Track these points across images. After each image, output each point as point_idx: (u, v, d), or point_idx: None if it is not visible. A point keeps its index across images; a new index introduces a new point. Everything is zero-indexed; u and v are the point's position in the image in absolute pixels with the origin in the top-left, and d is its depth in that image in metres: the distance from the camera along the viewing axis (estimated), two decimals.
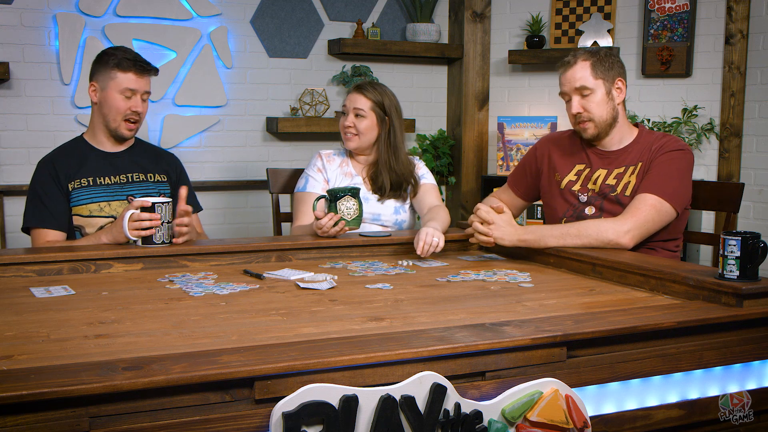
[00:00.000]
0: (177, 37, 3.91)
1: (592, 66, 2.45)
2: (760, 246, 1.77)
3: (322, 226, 2.48)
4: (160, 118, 3.92)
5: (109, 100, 2.55)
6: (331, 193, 2.51)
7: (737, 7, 3.99)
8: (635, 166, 2.44)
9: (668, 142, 2.43)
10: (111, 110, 2.56)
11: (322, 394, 1.30)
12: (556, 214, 2.56)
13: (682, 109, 4.13)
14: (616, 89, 2.47)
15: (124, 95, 2.55)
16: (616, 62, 2.49)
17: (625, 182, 2.43)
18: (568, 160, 2.58)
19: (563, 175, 2.56)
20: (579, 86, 2.45)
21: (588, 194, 2.49)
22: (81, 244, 2.41)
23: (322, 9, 4.27)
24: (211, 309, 1.78)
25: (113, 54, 2.57)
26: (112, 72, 2.54)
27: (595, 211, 2.46)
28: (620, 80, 2.47)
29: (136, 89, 2.56)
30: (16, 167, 3.66)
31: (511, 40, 4.49)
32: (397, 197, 2.84)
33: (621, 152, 2.49)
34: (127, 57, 2.56)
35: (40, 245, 2.49)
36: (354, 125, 2.78)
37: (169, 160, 2.78)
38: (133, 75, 2.55)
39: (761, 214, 4.00)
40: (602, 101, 2.45)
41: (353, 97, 2.81)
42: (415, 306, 1.83)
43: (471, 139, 4.52)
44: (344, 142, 2.82)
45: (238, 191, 4.17)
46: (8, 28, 3.61)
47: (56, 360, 1.38)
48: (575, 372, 1.53)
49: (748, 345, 1.71)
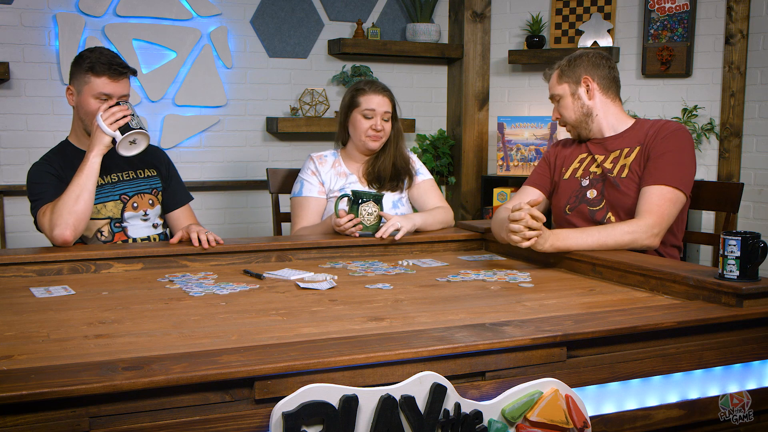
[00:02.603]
0: (177, 37, 3.91)
1: (559, 73, 2.57)
2: (760, 246, 1.77)
3: (340, 225, 2.54)
4: (160, 118, 3.92)
5: (84, 106, 2.44)
6: (356, 194, 2.55)
7: (737, 7, 3.99)
8: (631, 149, 2.46)
9: (665, 124, 2.46)
10: (87, 116, 2.45)
11: (322, 394, 1.30)
12: (559, 204, 2.58)
13: (682, 109, 4.13)
14: (584, 87, 2.51)
15: (100, 99, 2.43)
16: (583, 62, 2.53)
17: (621, 164, 2.45)
18: (571, 156, 2.63)
19: (567, 167, 2.61)
20: (551, 95, 2.61)
21: (590, 177, 2.52)
22: (78, 178, 2.34)
23: (322, 9, 4.27)
24: (211, 309, 1.78)
25: (88, 57, 2.45)
26: (86, 76, 2.42)
27: (597, 195, 2.47)
28: (586, 78, 2.51)
29: (111, 93, 2.43)
30: (16, 167, 3.66)
31: (511, 40, 4.49)
32: (395, 188, 2.85)
33: (616, 137, 2.52)
34: (101, 60, 2.42)
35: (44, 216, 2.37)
36: (384, 128, 2.81)
37: (155, 154, 2.72)
38: (107, 79, 2.42)
39: (761, 214, 4.00)
40: (568, 104, 2.55)
41: (380, 101, 2.79)
42: (415, 306, 1.83)
43: (471, 139, 4.52)
44: (366, 143, 2.80)
45: (238, 191, 4.17)
46: (8, 28, 3.61)
47: (56, 360, 1.38)
48: (575, 372, 1.53)
49: (748, 345, 1.71)
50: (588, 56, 2.55)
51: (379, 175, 2.83)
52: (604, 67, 2.53)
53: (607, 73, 2.53)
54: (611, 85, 2.54)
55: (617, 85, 2.57)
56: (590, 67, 2.52)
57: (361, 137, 2.80)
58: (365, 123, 2.79)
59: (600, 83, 2.52)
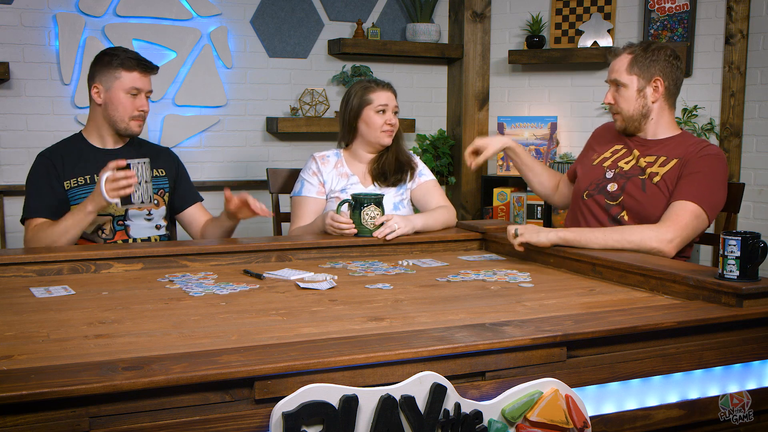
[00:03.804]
0: (177, 37, 3.91)
1: (632, 61, 2.48)
2: (760, 246, 1.77)
3: (340, 228, 2.53)
4: (160, 118, 3.92)
5: (115, 101, 2.55)
6: (357, 199, 2.55)
7: (737, 7, 3.99)
8: (667, 158, 2.43)
9: (707, 146, 2.42)
10: (118, 110, 2.56)
11: (322, 394, 1.30)
12: (579, 187, 2.58)
13: (682, 109, 4.12)
14: (652, 87, 2.47)
15: (130, 94, 2.55)
16: (660, 59, 2.46)
17: (654, 171, 2.43)
18: (608, 143, 2.62)
19: (600, 154, 2.60)
20: (613, 78, 2.51)
21: (615, 171, 2.50)
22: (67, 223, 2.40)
23: (322, 9, 4.27)
24: (211, 309, 1.78)
25: (115, 54, 2.57)
26: (117, 72, 2.54)
27: (617, 189, 2.47)
28: (658, 79, 2.46)
29: (141, 88, 2.57)
30: (16, 167, 3.66)
31: (511, 40, 4.49)
32: (398, 182, 2.86)
33: (657, 143, 2.50)
34: (129, 56, 2.57)
35: (29, 233, 2.49)
36: (396, 122, 2.87)
37: (166, 155, 2.79)
38: (138, 74, 2.56)
39: (761, 214, 4.00)
40: (631, 97, 2.48)
41: (389, 96, 2.87)
42: (415, 306, 1.83)
43: (471, 139, 4.46)
44: (381, 138, 2.83)
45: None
46: (8, 28, 3.60)
47: (56, 360, 1.38)
48: (575, 372, 1.53)
49: (748, 345, 1.70)
50: (666, 53, 2.47)
51: (384, 170, 2.84)
52: (677, 70, 2.49)
53: (677, 78, 2.49)
54: (675, 91, 2.50)
55: (679, 89, 2.53)
56: (666, 67, 2.46)
57: (376, 133, 2.83)
58: (379, 119, 2.82)
59: (668, 88, 2.47)
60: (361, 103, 2.84)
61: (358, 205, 2.54)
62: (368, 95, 2.84)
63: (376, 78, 2.94)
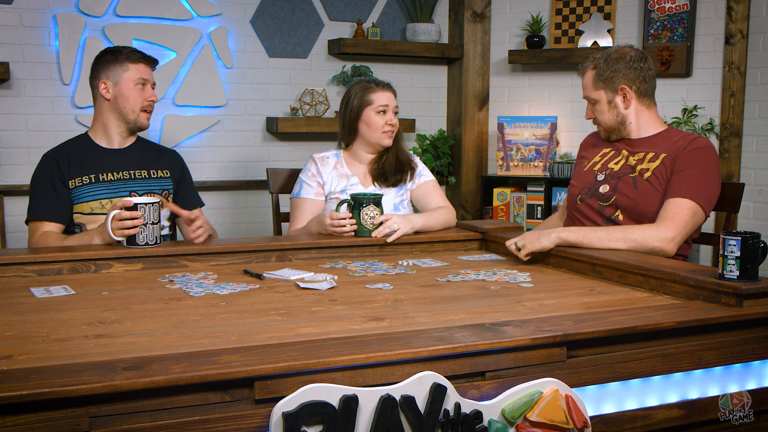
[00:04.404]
0: (177, 37, 3.91)
1: (595, 76, 2.52)
2: (760, 246, 1.77)
3: (341, 225, 2.52)
4: (160, 118, 3.91)
5: (125, 93, 2.61)
6: (356, 199, 2.55)
7: (737, 7, 3.99)
8: (656, 154, 2.44)
9: (695, 139, 2.43)
10: (129, 102, 2.62)
11: (322, 394, 1.30)
12: (573, 192, 2.60)
13: (682, 109, 4.13)
14: (620, 96, 2.49)
15: (139, 84, 2.62)
16: (621, 68, 2.48)
17: (644, 167, 2.44)
18: (596, 148, 2.65)
19: (590, 160, 2.62)
20: (585, 95, 2.58)
21: (606, 172, 2.52)
22: (73, 243, 2.41)
23: (322, 9, 4.27)
24: (211, 309, 1.78)
25: (119, 50, 2.65)
26: (124, 65, 2.61)
27: (609, 190, 2.48)
28: (624, 87, 2.48)
29: (148, 78, 2.65)
30: (16, 167, 3.66)
31: (511, 40, 4.49)
32: (398, 182, 2.86)
33: (644, 140, 2.51)
34: (132, 50, 2.66)
35: (35, 237, 2.50)
36: (396, 122, 2.87)
37: (171, 156, 2.80)
38: (144, 65, 2.65)
39: (761, 214, 4.00)
40: (604, 110, 2.53)
41: (390, 96, 2.87)
42: (415, 306, 1.83)
43: (471, 139, 4.52)
44: (382, 139, 2.84)
45: (238, 191, 4.17)
46: (8, 28, 3.60)
47: (56, 360, 1.38)
48: (575, 372, 1.53)
49: (748, 345, 1.70)
50: (626, 60, 2.48)
51: (384, 170, 2.84)
52: (643, 70, 2.49)
53: (644, 78, 2.49)
54: (648, 89, 2.51)
55: (653, 86, 2.53)
56: (630, 72, 2.47)
57: (377, 134, 2.83)
58: (380, 120, 2.82)
59: (637, 91, 2.49)
60: (362, 103, 2.84)
61: (357, 205, 2.54)
62: (368, 96, 2.83)
63: (376, 78, 2.94)
